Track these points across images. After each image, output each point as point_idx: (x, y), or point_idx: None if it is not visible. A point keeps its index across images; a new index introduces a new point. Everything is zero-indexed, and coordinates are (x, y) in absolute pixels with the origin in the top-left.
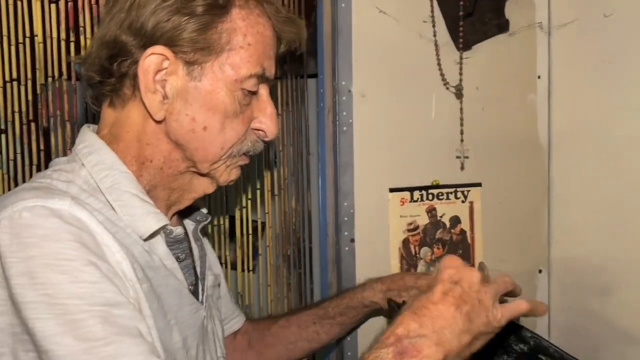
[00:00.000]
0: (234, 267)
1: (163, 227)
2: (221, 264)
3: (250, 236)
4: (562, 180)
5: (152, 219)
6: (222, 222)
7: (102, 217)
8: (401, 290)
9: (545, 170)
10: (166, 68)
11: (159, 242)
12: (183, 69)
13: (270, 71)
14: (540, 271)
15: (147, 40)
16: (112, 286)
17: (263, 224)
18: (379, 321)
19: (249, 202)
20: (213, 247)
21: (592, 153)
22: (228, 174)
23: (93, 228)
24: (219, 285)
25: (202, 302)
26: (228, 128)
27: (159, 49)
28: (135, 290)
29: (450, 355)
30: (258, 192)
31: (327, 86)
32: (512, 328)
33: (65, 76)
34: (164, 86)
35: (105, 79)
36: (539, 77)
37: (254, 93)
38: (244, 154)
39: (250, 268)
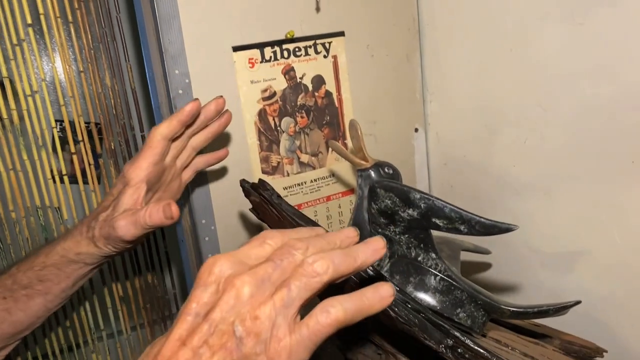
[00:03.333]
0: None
1: None
2: (17, 171)
3: (54, 130)
4: (433, 22)
5: None
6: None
7: None
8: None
9: (415, 10)
10: None
11: None
12: None
13: None
14: (416, 130)
15: None
16: None
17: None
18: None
19: (44, 84)
20: None
21: None
22: None
23: None
24: None
25: None
26: None
27: None
28: None
29: None
30: (54, 70)
31: None
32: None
33: None
34: None
35: None
36: None
37: None
38: None
39: (65, 172)
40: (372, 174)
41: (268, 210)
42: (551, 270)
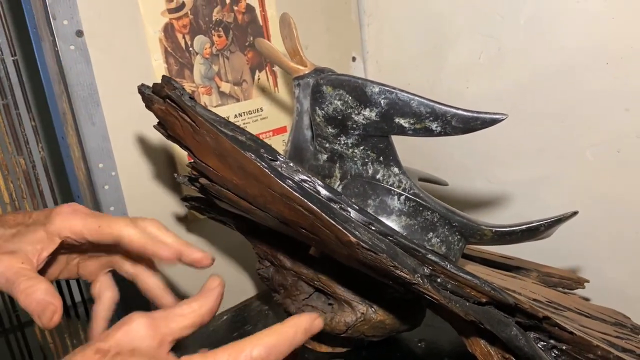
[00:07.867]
0: None
1: None
2: None
3: None
4: None
5: None
6: None
7: None
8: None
9: None
10: None
11: None
12: None
13: None
14: (353, 59)
15: None
16: None
17: None
18: None
19: None
20: None
21: None
22: None
23: None
24: None
25: None
26: None
27: None
28: None
29: None
30: None
31: None
32: None
33: None
34: None
35: None
36: None
37: None
38: None
39: None
40: (312, 82)
41: (179, 120)
42: (514, 202)
